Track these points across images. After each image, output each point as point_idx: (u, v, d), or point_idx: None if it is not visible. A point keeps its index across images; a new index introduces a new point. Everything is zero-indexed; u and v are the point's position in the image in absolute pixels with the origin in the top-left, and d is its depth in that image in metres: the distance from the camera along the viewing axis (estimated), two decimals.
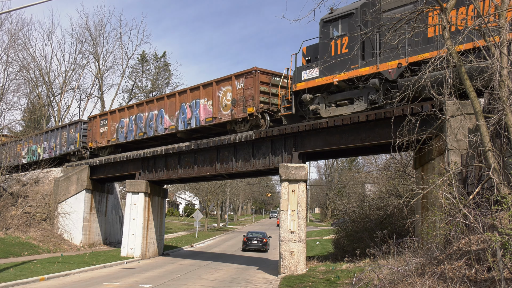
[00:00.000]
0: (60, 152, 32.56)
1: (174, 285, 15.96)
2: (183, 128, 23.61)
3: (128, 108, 28.06)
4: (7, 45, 39.73)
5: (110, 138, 28.31)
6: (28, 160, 35.47)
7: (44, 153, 34.16)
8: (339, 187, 67.67)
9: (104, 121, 29.10)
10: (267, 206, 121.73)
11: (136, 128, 26.54)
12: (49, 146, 33.82)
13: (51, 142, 33.75)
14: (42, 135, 35.25)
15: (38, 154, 34.77)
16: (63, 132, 32.65)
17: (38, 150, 34.85)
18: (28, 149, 36.01)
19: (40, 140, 35.13)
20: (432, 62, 12.13)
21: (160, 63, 56.03)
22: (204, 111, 22.57)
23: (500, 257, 8.28)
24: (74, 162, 31.39)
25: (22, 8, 15.90)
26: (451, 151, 13.28)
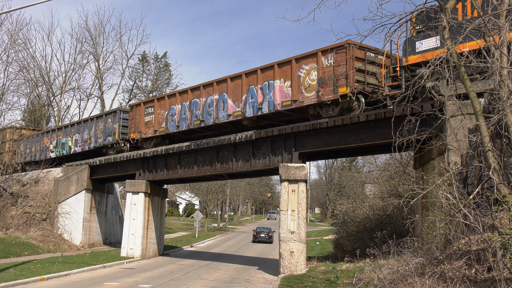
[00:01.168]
0: (95, 145, 29.36)
1: (174, 285, 15.96)
2: (251, 114, 20.54)
3: (180, 93, 24.38)
4: (7, 45, 39.69)
5: (158, 127, 25.01)
6: (57, 154, 32.71)
7: (76, 146, 31.03)
8: (339, 187, 67.68)
9: (149, 109, 25.71)
10: (267, 206, 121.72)
11: (190, 116, 23.24)
12: (82, 138, 30.57)
13: (84, 134, 30.39)
14: (74, 126, 31.82)
15: (69, 148, 31.62)
16: (99, 123, 29.24)
17: (69, 143, 31.64)
18: (57, 142, 32.87)
19: (71, 132, 31.69)
20: (432, 62, 12.14)
21: (161, 63, 56.05)
22: (280, 93, 19.53)
23: (500, 257, 8.28)
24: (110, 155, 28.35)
25: (22, 8, 15.90)
26: (451, 151, 13.28)
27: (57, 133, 33.53)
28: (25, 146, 36.03)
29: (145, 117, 26.06)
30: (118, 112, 28.01)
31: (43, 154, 33.82)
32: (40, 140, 34.67)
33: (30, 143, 35.63)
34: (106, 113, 29.19)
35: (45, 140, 34.20)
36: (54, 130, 34.10)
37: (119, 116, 27.67)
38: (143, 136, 25.92)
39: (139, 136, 26.20)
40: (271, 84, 19.95)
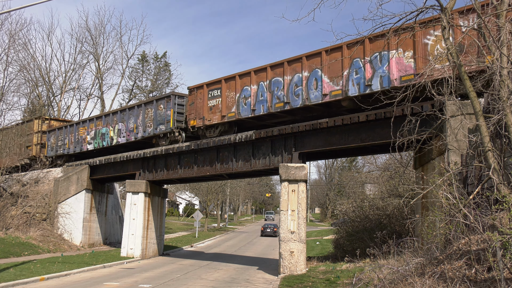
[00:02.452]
0: (143, 135, 25.98)
1: (174, 285, 15.96)
2: (357, 93, 16.99)
3: (256, 71, 20.66)
4: (7, 45, 39.76)
5: (226, 112, 21.57)
6: (95, 146, 29.58)
7: (120, 137, 27.74)
8: (339, 187, 67.67)
9: (215, 91, 22.24)
10: (267, 206, 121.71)
11: (270, 97, 19.83)
12: (127, 127, 27.16)
13: (130, 123, 26.98)
14: (116, 114, 28.34)
15: (110, 138, 28.37)
16: (148, 109, 25.87)
17: (110, 134, 28.33)
18: (96, 133, 29.52)
19: (113, 121, 28.34)
20: (432, 62, 12.14)
21: (161, 63, 56.07)
22: (396, 66, 16.07)
23: (500, 257, 8.28)
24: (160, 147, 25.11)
25: (22, 8, 15.91)
26: (451, 151, 13.28)
27: (95, 122, 29.92)
28: (57, 138, 32.94)
29: (208, 101, 22.48)
30: (172, 97, 24.43)
31: (79, 146, 30.76)
32: (74, 131, 31.30)
33: (62, 135, 32.46)
34: (157, 99, 25.64)
35: (81, 131, 30.78)
36: (92, 120, 30.48)
37: (174, 102, 24.16)
38: (207, 123, 22.43)
39: (201, 123, 22.70)
40: (384, 55, 16.35)
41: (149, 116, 25.75)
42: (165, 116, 24.54)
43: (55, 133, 33.33)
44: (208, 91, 22.63)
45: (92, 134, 29.98)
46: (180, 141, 24.11)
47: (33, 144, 34.17)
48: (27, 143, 34.65)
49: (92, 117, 31.45)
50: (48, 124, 34.92)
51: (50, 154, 33.31)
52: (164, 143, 24.82)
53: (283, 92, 19.43)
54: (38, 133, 34.28)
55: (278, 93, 19.69)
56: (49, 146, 33.66)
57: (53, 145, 33.23)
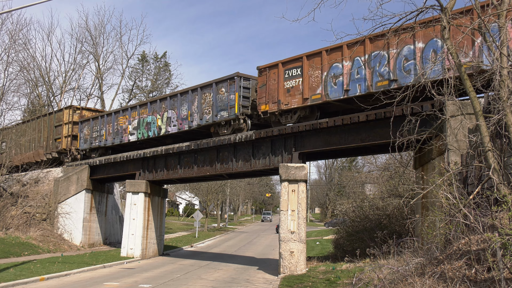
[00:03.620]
0: (199, 123, 22.78)
1: (174, 285, 15.96)
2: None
3: (349, 45, 17.14)
4: (7, 45, 39.73)
5: (310, 94, 18.54)
6: (139, 136, 26.31)
7: (169, 126, 24.41)
8: (339, 187, 67.67)
9: (294, 70, 19.26)
10: (267, 206, 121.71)
11: (370, 74, 16.68)
12: (179, 115, 23.92)
13: (182, 110, 23.73)
14: (165, 100, 25.05)
15: (158, 128, 25.14)
16: (205, 94, 22.74)
17: (158, 122, 25.11)
18: (140, 122, 26.30)
19: (160, 108, 25.15)
20: (432, 62, 12.14)
21: (161, 63, 56.05)
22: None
23: (500, 257, 8.28)
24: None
25: (22, 8, 15.91)
26: (451, 151, 13.29)
27: (139, 110, 26.66)
28: (91, 129, 29.90)
29: (285, 82, 19.50)
30: (236, 78, 21.20)
31: (118, 137, 27.64)
32: (113, 120, 28.11)
33: (98, 125, 29.36)
34: (217, 81, 22.15)
35: (121, 121, 27.51)
36: (135, 107, 27.16)
37: (238, 84, 21.09)
38: (283, 108, 19.42)
39: (275, 108, 19.70)
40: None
41: (207, 102, 22.47)
42: (227, 101, 21.37)
43: (89, 123, 30.17)
44: (284, 71, 19.58)
45: (134, 123, 26.71)
46: (244, 129, 21.11)
47: (62, 136, 31.70)
48: (55, 135, 32.44)
49: (135, 104, 28.14)
50: (79, 114, 31.87)
51: (83, 147, 30.47)
52: (226, 132, 21.72)
53: (389, 68, 16.17)
54: (69, 124, 31.58)
55: (381, 69, 16.39)
56: (82, 138, 30.69)
57: (87, 137, 30.21)
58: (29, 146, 34.60)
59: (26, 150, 34.81)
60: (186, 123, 23.47)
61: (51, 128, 33.04)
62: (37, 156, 33.43)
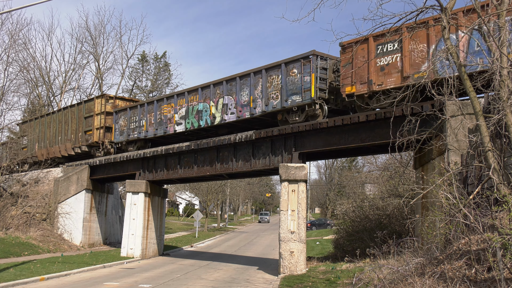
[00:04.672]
0: (265, 109, 20.03)
1: (174, 285, 15.96)
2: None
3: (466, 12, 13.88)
4: (7, 45, 39.74)
5: (411, 72, 15.45)
6: (187, 126, 23.30)
7: (226, 114, 21.49)
8: (339, 187, 67.66)
9: (389, 45, 16.18)
10: (267, 206, 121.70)
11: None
12: (238, 101, 21.04)
13: (242, 95, 20.96)
14: (220, 85, 22.05)
15: (211, 116, 22.17)
16: (272, 76, 19.87)
17: (211, 110, 22.13)
18: (188, 110, 23.30)
19: (214, 94, 22.21)
20: (432, 62, 12.15)
21: (160, 63, 56.06)
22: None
23: (500, 257, 8.28)
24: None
25: (22, 8, 15.91)
26: (451, 151, 13.29)
27: (187, 97, 23.54)
28: (128, 119, 26.96)
29: (377, 59, 16.54)
30: (312, 57, 18.34)
31: (162, 128, 24.78)
32: (155, 109, 25.24)
33: (137, 115, 26.53)
34: (287, 62, 19.30)
35: (165, 109, 24.64)
36: (182, 94, 24.03)
37: (315, 64, 18.27)
38: (375, 89, 16.44)
39: (364, 89, 16.74)
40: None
41: (274, 85, 19.77)
42: (301, 83, 18.72)
43: (126, 113, 27.35)
44: (376, 46, 16.63)
45: (182, 112, 23.72)
46: (320, 116, 18.41)
47: (94, 128, 28.98)
48: (85, 127, 29.81)
49: (183, 90, 24.53)
50: (112, 104, 29.08)
51: (119, 140, 27.71)
52: (298, 119, 19.07)
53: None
54: (101, 114, 28.85)
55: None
56: (117, 130, 27.82)
57: (123, 128, 27.37)
58: (55, 139, 32.29)
59: (51, 144, 32.66)
60: (247, 110, 20.67)
61: (80, 120, 30.32)
62: (63, 150, 31.17)
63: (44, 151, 33.16)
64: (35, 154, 33.55)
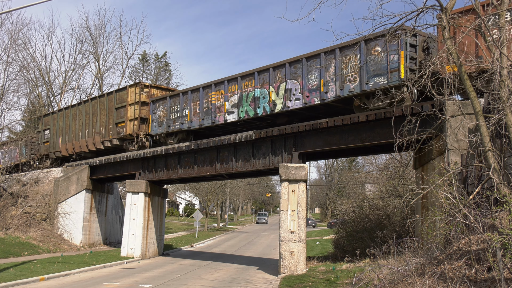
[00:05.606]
0: (339, 94, 17.58)
1: (174, 285, 15.96)
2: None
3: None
4: (7, 45, 39.77)
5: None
6: (240, 116, 21.07)
7: (290, 100, 19.24)
8: (339, 187, 67.67)
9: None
10: (267, 206, 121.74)
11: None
12: (305, 85, 18.68)
13: (311, 78, 18.57)
14: (281, 68, 19.72)
15: (271, 104, 19.91)
16: (348, 57, 17.41)
17: (271, 96, 19.84)
18: (242, 98, 21.09)
19: (275, 79, 19.90)
20: (432, 62, 12.14)
21: (161, 63, 56.10)
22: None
23: (500, 257, 8.28)
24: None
25: (22, 8, 15.92)
26: (451, 151, 13.29)
27: (240, 83, 21.25)
28: (168, 109, 24.56)
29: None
30: (401, 33, 15.14)
31: (209, 118, 22.41)
32: (201, 97, 22.82)
33: (178, 104, 24.03)
34: (367, 39, 16.33)
35: (213, 97, 22.37)
36: (234, 80, 21.59)
37: (404, 41, 15.66)
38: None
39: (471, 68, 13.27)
40: None
41: (351, 66, 17.38)
42: (386, 63, 16.24)
43: (166, 102, 24.88)
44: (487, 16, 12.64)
45: (234, 99, 21.43)
46: (408, 100, 15.69)
47: (127, 120, 26.59)
48: (116, 119, 27.51)
49: (235, 76, 21.80)
50: (148, 93, 26.62)
51: (157, 132, 25.29)
52: (380, 105, 16.10)
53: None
54: (135, 104, 26.43)
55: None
56: (154, 121, 25.48)
57: (162, 119, 24.97)
58: (81, 133, 30.08)
59: (76, 137, 30.47)
60: (317, 95, 18.26)
61: (110, 111, 28.02)
62: (91, 144, 29.00)
63: (69, 145, 31.06)
64: (58, 148, 31.76)
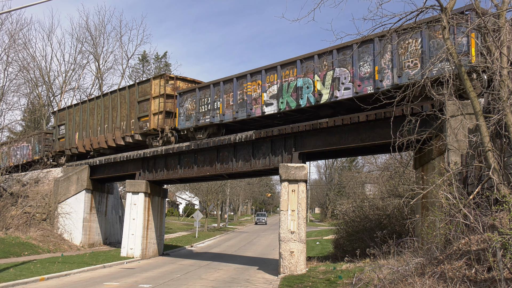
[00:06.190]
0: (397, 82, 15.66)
1: (174, 285, 15.96)
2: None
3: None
4: (7, 45, 39.77)
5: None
6: (280, 107, 19.47)
7: (338, 90, 17.41)
8: (339, 187, 67.66)
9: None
10: (267, 206, 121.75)
11: None
12: (356, 73, 16.97)
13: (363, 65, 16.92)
14: (327, 56, 17.91)
15: (316, 94, 18.17)
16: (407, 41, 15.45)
17: (316, 86, 18.17)
18: (281, 88, 19.40)
19: (321, 67, 18.13)
20: (432, 62, 12.14)
21: (161, 63, 56.11)
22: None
23: (500, 257, 8.28)
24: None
25: (22, 8, 15.92)
26: (451, 151, 13.28)
27: (279, 72, 19.57)
28: (197, 102, 22.91)
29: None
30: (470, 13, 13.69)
31: (244, 110, 20.73)
32: (234, 88, 21.18)
33: (209, 97, 22.42)
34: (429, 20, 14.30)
35: (248, 88, 20.73)
36: (273, 69, 19.86)
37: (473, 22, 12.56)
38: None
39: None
40: None
41: (411, 51, 15.51)
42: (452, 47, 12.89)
43: (194, 94, 23.19)
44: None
45: (273, 89, 19.85)
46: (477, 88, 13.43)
47: (150, 114, 25.05)
48: (139, 113, 25.97)
49: (274, 64, 20.03)
50: (173, 85, 25.00)
51: (185, 126, 23.55)
52: (446, 92, 12.87)
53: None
54: (159, 97, 24.91)
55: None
56: (182, 115, 23.71)
57: (191, 112, 23.23)
58: (100, 128, 28.66)
59: (94, 133, 28.99)
60: (370, 83, 16.62)
61: (132, 105, 26.51)
62: (111, 140, 27.49)
63: (87, 141, 29.59)
64: (74, 145, 30.46)
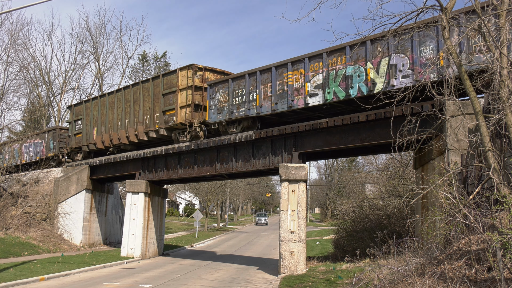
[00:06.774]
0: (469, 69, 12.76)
1: (174, 285, 15.96)
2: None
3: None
4: (7, 45, 39.78)
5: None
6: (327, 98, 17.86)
7: (394, 78, 15.84)
8: (339, 187, 67.65)
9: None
10: (267, 206, 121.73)
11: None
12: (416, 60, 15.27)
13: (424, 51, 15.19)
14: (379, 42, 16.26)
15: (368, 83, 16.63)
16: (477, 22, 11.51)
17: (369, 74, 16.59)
18: (328, 77, 17.88)
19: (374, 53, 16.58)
20: (432, 62, 12.14)
21: (161, 63, 56.12)
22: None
23: (500, 257, 8.27)
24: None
25: (22, 8, 15.92)
26: (451, 151, 13.29)
27: (325, 60, 17.95)
28: (231, 93, 21.32)
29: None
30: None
31: (285, 101, 19.19)
32: (273, 78, 19.65)
33: (244, 88, 20.85)
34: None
35: (289, 77, 19.11)
36: (318, 56, 18.26)
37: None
38: None
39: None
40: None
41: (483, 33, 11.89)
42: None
43: (227, 86, 21.67)
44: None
45: (317, 79, 18.20)
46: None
47: (177, 107, 23.38)
48: (164, 106, 24.30)
49: (319, 52, 18.24)
50: (201, 77, 23.45)
51: (216, 119, 21.99)
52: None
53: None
54: (187, 90, 23.33)
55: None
56: (213, 108, 22.16)
57: (223, 104, 21.71)
58: (120, 123, 27.11)
59: (114, 128, 27.44)
60: (433, 70, 14.52)
61: (156, 98, 24.89)
62: (133, 135, 25.94)
63: (106, 137, 27.99)
64: (92, 141, 28.98)
